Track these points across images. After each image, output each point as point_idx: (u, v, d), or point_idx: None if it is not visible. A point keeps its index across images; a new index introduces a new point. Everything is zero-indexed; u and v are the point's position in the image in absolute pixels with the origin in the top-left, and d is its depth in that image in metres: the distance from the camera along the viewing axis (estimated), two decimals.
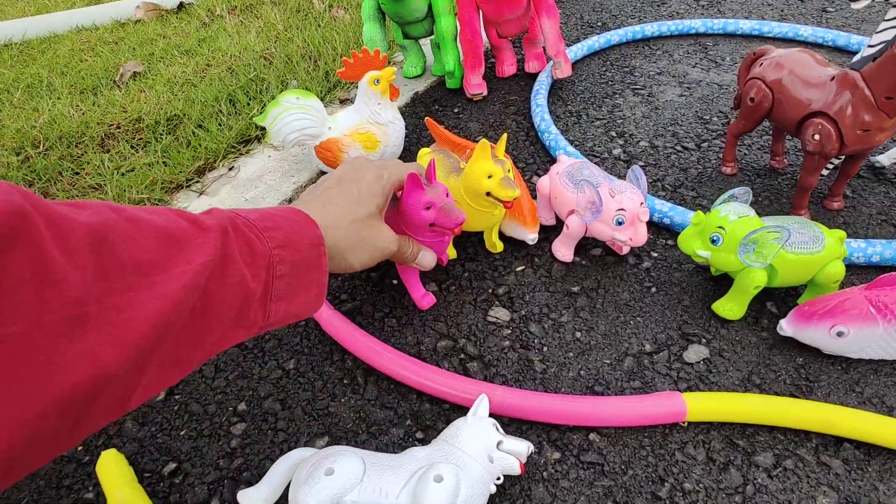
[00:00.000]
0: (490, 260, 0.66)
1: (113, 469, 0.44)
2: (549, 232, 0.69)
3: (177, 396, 0.53)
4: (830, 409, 0.46)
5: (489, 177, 0.55)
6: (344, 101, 1.03)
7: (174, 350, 0.25)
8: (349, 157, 0.76)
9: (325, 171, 0.80)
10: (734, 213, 0.53)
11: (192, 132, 0.90)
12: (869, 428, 0.45)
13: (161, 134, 0.91)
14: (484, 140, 0.54)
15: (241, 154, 0.87)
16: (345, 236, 0.41)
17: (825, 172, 0.73)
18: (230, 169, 0.84)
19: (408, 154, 0.85)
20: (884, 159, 0.76)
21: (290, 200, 0.77)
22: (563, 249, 0.65)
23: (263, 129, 0.91)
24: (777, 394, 0.50)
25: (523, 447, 0.42)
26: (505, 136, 0.58)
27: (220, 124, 0.92)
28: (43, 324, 0.18)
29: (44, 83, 1.09)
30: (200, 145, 0.86)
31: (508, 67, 1.06)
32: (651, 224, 0.69)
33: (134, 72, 1.12)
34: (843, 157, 0.66)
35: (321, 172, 0.82)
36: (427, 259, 0.52)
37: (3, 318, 0.17)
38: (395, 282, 0.64)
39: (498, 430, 0.43)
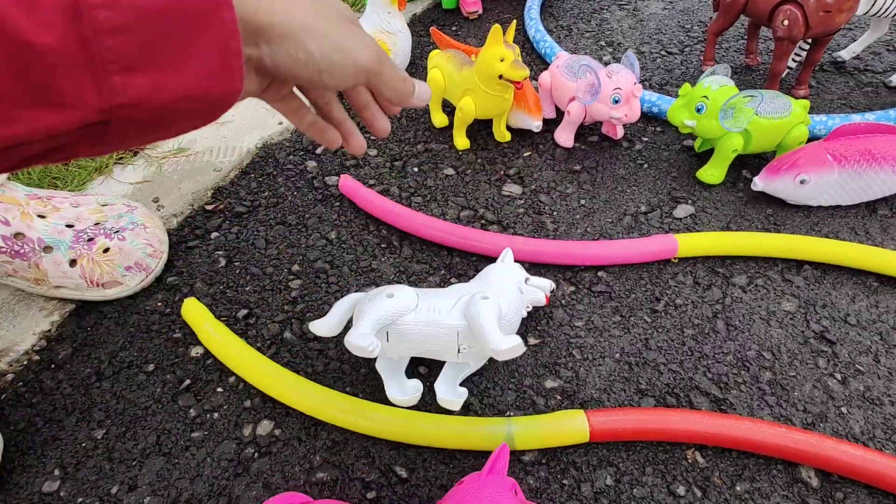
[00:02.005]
0: (500, 148, 0.73)
1: (197, 310, 0.52)
2: (551, 125, 0.76)
3: (236, 263, 0.60)
4: (794, 237, 0.56)
5: (501, 60, 0.61)
6: None
7: None
8: None
9: None
10: (716, 83, 0.61)
11: None
12: (825, 250, 0.55)
13: None
14: (496, 24, 0.60)
15: None
16: (305, 13, 0.27)
17: (793, 65, 0.81)
18: None
19: (414, 67, 0.90)
20: (844, 54, 0.85)
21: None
22: (565, 136, 0.73)
23: None
24: None
25: (546, 283, 0.51)
26: (514, 22, 0.65)
27: None
28: None
29: None
30: None
31: None
32: (642, 114, 0.77)
33: None
34: (809, 44, 0.75)
35: None
36: (424, 91, 0.35)
37: None
38: (415, 169, 0.71)
39: (523, 270, 0.51)
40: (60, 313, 0.55)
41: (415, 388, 0.45)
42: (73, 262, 0.54)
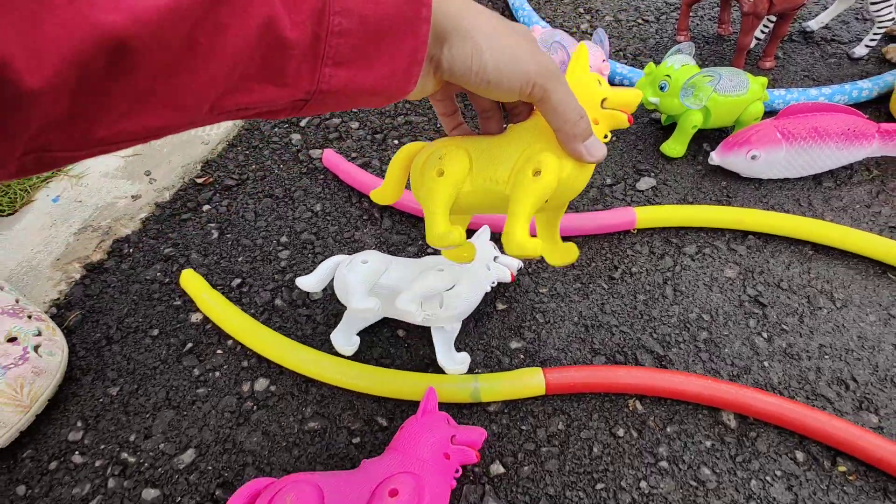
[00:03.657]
0: (476, 120, 0.77)
1: (194, 280, 0.57)
2: None
3: (228, 235, 0.64)
4: (740, 210, 0.61)
5: (599, 83, 0.37)
6: None
7: (168, 82, 0.20)
8: None
9: None
10: (679, 62, 0.65)
11: None
12: (768, 221, 0.60)
13: None
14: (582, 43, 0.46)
15: None
16: (489, 24, 0.29)
17: (761, 36, 0.84)
18: None
19: None
20: (813, 24, 0.88)
21: None
22: None
23: None
24: None
25: (514, 262, 0.56)
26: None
27: None
28: None
29: None
30: None
31: None
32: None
33: None
34: (776, 18, 0.77)
35: None
36: (598, 148, 0.32)
37: None
38: (395, 142, 0.75)
39: (495, 248, 0.56)
40: (67, 282, 0.60)
41: (355, 343, 0.53)
42: None
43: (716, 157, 0.66)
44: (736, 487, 0.45)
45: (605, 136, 0.37)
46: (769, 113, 0.72)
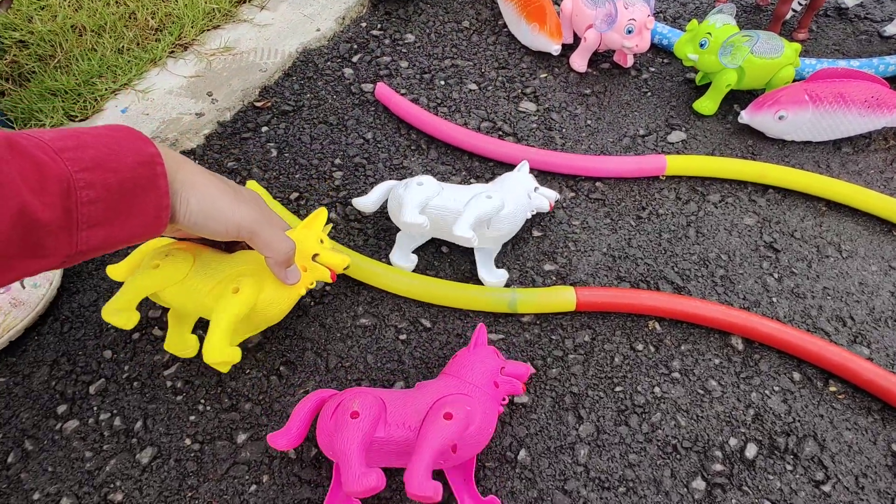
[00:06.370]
0: (519, 68, 0.81)
1: (258, 190, 0.62)
2: (567, 50, 0.83)
3: (286, 155, 0.69)
4: (764, 164, 0.66)
5: (321, 241, 0.50)
6: None
7: None
8: None
9: None
10: (720, 21, 0.68)
11: None
12: (788, 177, 0.65)
13: None
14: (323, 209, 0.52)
15: None
16: (201, 180, 0.36)
17: (797, 8, 0.87)
18: None
19: None
20: (848, 0, 0.90)
21: (343, 18, 0.88)
22: (579, 60, 0.80)
23: None
24: None
25: (552, 194, 0.61)
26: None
27: None
28: None
29: None
30: None
31: None
32: (652, 45, 0.84)
33: None
34: None
35: None
36: (295, 275, 0.45)
37: None
38: (442, 82, 0.79)
39: (534, 180, 0.61)
40: None
41: (413, 259, 0.58)
42: None
43: (745, 116, 0.70)
44: (738, 398, 0.51)
45: (312, 284, 0.48)
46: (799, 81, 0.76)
